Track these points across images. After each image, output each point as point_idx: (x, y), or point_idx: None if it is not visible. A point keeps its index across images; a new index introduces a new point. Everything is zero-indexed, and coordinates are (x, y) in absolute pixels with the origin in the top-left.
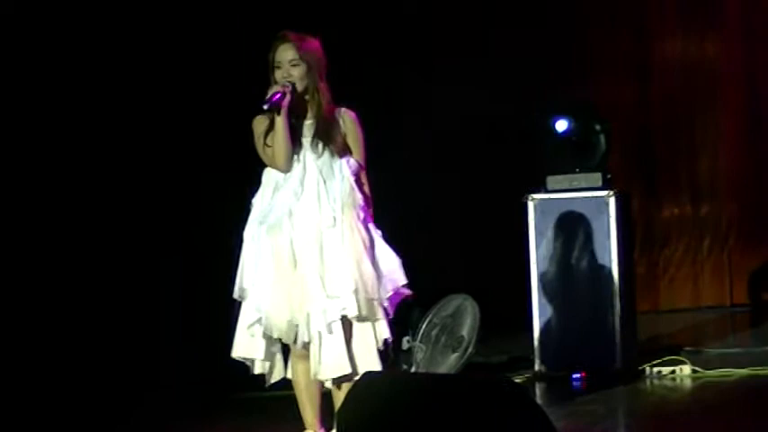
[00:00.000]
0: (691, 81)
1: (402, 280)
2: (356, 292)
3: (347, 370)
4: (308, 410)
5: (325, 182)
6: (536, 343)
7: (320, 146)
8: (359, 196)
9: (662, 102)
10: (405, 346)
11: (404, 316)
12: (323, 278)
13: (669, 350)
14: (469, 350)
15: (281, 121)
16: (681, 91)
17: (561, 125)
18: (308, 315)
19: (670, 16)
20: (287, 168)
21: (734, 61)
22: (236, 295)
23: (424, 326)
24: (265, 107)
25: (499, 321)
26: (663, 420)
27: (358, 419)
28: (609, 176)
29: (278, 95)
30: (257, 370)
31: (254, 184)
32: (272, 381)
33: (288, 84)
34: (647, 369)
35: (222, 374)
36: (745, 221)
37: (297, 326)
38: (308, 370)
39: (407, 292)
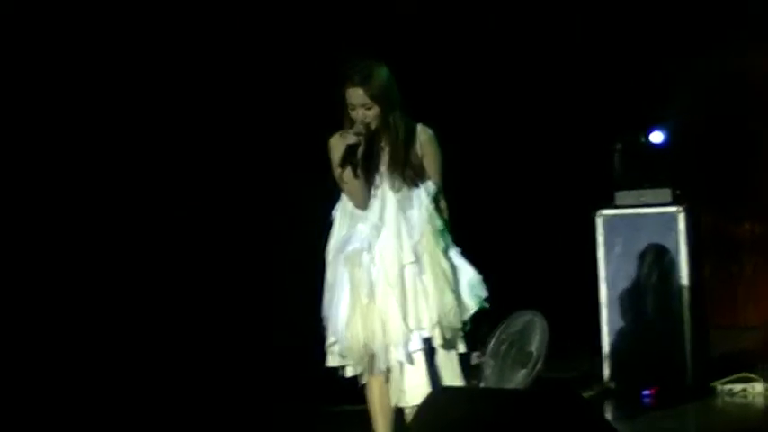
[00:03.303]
0: (763, 95)
1: (483, 294)
2: (439, 324)
3: None
4: (379, 424)
5: (404, 213)
6: (606, 359)
7: (397, 179)
8: (438, 222)
9: (734, 116)
10: (474, 361)
11: (472, 332)
12: (405, 313)
13: (743, 367)
14: (538, 366)
15: (357, 183)
16: (753, 105)
17: (657, 137)
18: (386, 346)
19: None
20: (364, 209)
21: None
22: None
23: (492, 342)
24: (342, 166)
25: (568, 337)
26: None
27: None
28: (678, 192)
29: (352, 148)
30: (349, 373)
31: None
32: (365, 381)
33: (361, 128)
34: (719, 386)
35: (295, 388)
36: None
37: (373, 356)
38: (381, 385)
39: (486, 305)
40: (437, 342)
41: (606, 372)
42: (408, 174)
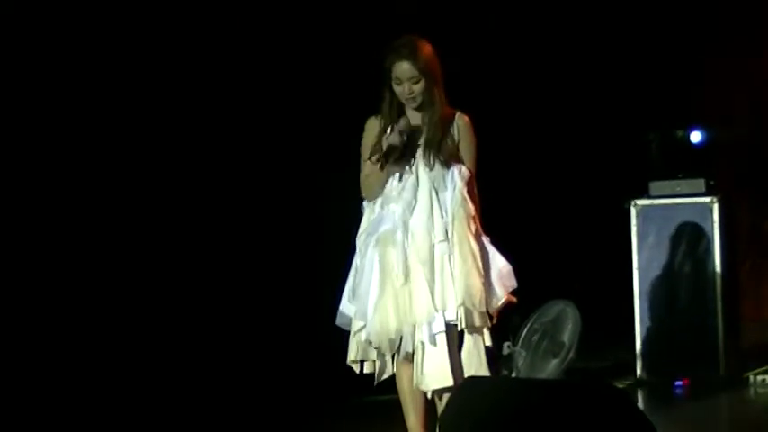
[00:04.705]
0: None
1: (512, 285)
2: (463, 305)
3: (449, 382)
4: (411, 415)
5: (437, 193)
6: (638, 349)
7: (432, 157)
8: (470, 207)
9: None
10: (505, 351)
11: (504, 321)
12: (432, 292)
13: None
14: (570, 356)
15: (384, 174)
16: None
17: (696, 136)
18: (413, 326)
19: None
20: (370, 199)
21: None
22: (337, 321)
23: (524, 331)
24: (381, 163)
25: (601, 327)
26: (766, 429)
27: (460, 424)
28: (712, 183)
29: (393, 148)
30: (367, 369)
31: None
32: (381, 379)
33: (405, 126)
34: (752, 377)
35: (325, 379)
36: None
37: (401, 337)
38: (412, 375)
39: (513, 299)
40: (461, 324)
41: (638, 362)
42: (443, 152)
